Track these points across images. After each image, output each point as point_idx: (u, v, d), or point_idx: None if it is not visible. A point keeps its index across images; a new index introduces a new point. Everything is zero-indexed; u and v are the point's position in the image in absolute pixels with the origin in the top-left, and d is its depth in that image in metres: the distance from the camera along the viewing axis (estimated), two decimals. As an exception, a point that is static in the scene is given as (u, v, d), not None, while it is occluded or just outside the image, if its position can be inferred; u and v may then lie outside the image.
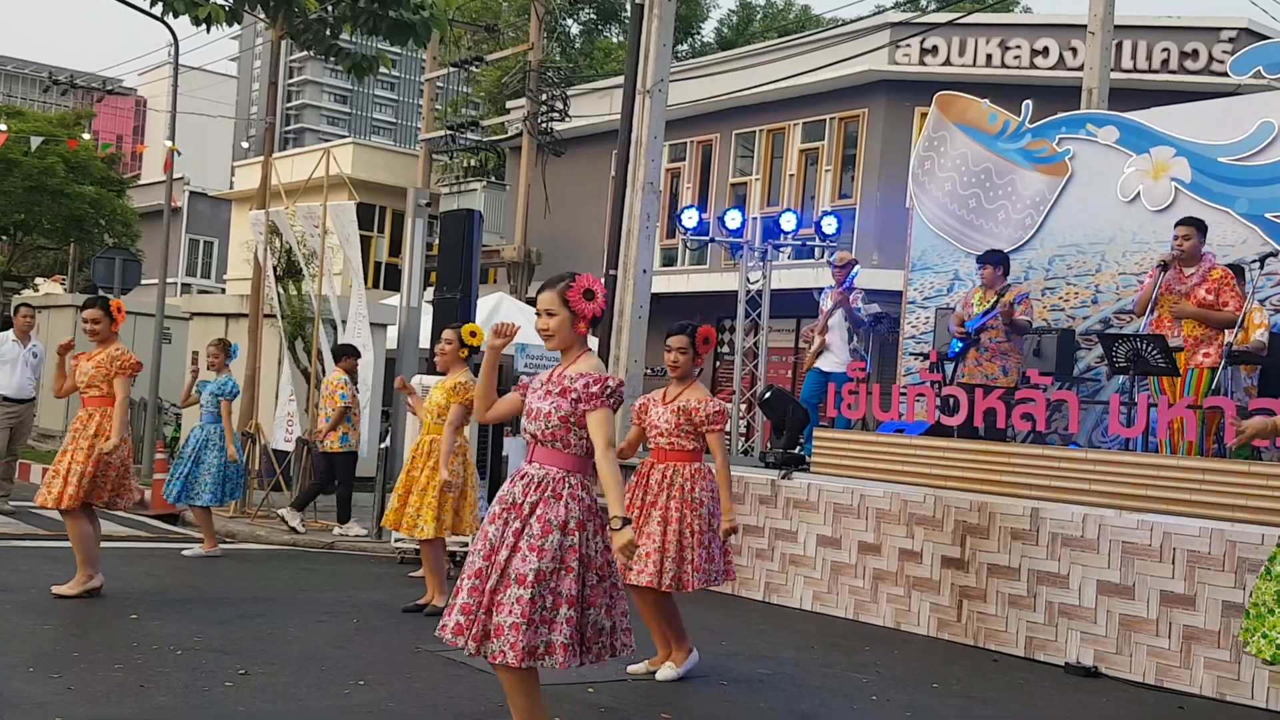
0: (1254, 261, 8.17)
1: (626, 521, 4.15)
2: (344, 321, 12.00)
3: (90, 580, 7.36)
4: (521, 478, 4.27)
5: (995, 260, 9.31)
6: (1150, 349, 7.70)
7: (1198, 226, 8.07)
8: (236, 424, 10.64)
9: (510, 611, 4.07)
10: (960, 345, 9.27)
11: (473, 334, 7.64)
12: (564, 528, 4.16)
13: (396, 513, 7.74)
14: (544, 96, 23.04)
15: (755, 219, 13.89)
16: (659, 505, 6.05)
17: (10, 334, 11.66)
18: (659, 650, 6.24)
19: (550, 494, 4.19)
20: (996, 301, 9.12)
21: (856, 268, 10.90)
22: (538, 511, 4.17)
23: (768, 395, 9.62)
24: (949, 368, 9.43)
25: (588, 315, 4.32)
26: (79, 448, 7.35)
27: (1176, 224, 8.22)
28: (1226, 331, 7.78)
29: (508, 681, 4.28)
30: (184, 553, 9.63)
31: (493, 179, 26.46)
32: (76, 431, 7.42)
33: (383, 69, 14.58)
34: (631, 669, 6.14)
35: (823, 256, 13.84)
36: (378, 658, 6.21)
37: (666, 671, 6.15)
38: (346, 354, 11.47)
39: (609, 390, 4.23)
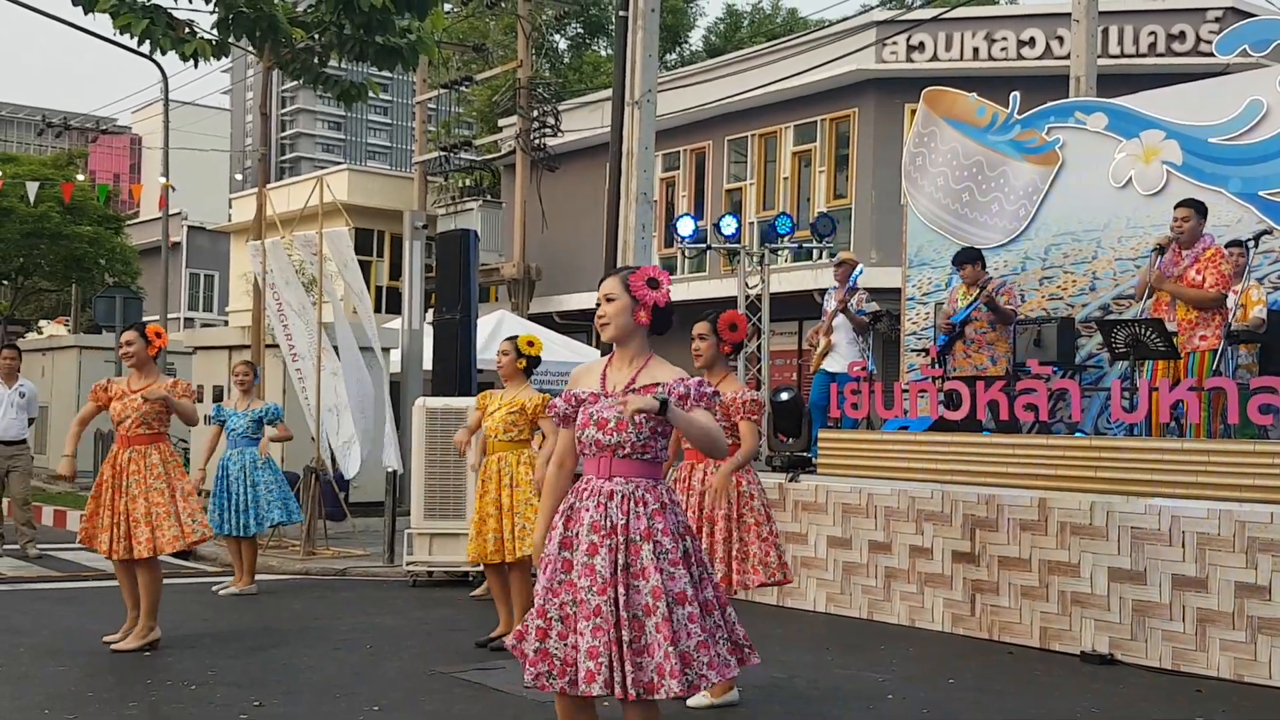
0: (1249, 240, 8.14)
1: None
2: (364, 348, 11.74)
3: (153, 631, 7.00)
4: (609, 497, 3.91)
5: (972, 258, 9.56)
6: (1149, 333, 7.69)
7: (1196, 208, 8.01)
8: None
9: (689, 635, 3.82)
10: (944, 339, 9.49)
11: (530, 343, 7.47)
12: (688, 534, 3.99)
13: (477, 543, 7.15)
14: (535, 113, 23.13)
15: (752, 223, 13.93)
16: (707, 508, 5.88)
17: None
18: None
19: (657, 505, 3.92)
20: (979, 295, 9.35)
21: (859, 268, 10.92)
22: (659, 526, 3.88)
23: (787, 397, 9.63)
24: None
25: (649, 302, 4.08)
26: (152, 489, 6.84)
27: (1176, 206, 8.17)
28: (1223, 311, 7.74)
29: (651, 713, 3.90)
30: (218, 590, 9.29)
31: (489, 198, 26.51)
32: (137, 474, 6.86)
33: (372, 94, 14.64)
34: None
35: (821, 257, 13.82)
36: (392, 683, 6.21)
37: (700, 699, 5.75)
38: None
39: (711, 389, 4.03)
